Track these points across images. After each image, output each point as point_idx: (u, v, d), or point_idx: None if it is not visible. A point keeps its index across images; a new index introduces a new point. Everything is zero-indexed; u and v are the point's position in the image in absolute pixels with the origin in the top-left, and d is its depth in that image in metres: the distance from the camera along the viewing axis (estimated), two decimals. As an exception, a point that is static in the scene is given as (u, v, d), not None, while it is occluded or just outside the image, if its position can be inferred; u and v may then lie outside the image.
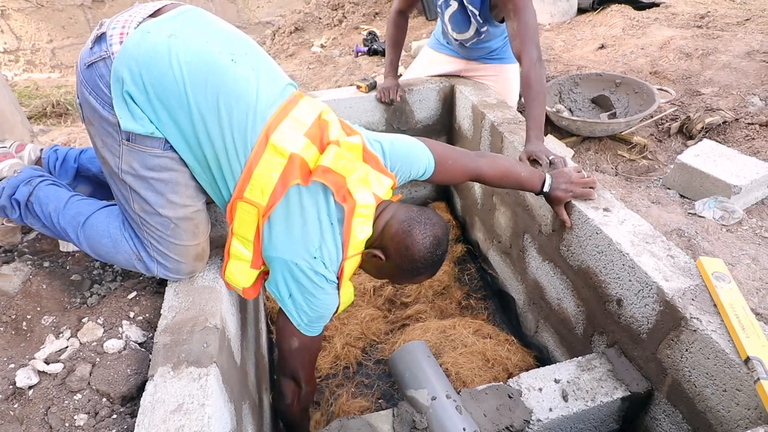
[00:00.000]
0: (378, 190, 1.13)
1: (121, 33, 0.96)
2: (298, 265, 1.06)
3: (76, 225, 1.15)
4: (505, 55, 2.11)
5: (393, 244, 1.10)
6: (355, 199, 1.07)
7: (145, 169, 1.02)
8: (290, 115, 1.05)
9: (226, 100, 0.99)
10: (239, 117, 1.00)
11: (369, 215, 1.10)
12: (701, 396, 1.06)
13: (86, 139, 2.72)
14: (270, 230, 1.07)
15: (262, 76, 1.05)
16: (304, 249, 1.06)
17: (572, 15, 4.07)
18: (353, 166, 1.09)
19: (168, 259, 1.12)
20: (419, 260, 1.10)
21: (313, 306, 1.10)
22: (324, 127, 1.10)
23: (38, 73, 4.21)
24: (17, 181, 1.19)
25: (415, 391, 1.12)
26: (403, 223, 1.10)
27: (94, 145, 1.04)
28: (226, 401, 1.00)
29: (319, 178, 1.04)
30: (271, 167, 1.02)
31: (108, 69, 0.95)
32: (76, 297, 1.24)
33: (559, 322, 1.57)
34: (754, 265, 1.57)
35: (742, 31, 3.19)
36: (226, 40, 1.04)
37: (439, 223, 1.13)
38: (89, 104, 0.99)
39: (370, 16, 4.83)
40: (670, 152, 2.36)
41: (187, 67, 0.96)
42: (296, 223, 1.06)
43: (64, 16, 4.08)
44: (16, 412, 0.95)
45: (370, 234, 1.12)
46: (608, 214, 1.32)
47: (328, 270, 1.08)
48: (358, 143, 1.11)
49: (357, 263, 1.16)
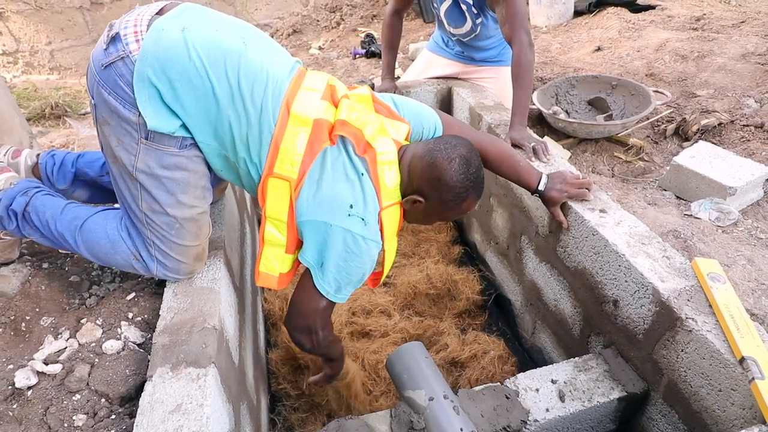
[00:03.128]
0: (396, 136, 1.15)
1: (135, 31, 0.99)
2: (332, 225, 1.03)
3: (73, 229, 1.15)
4: (502, 57, 2.12)
5: (424, 182, 1.10)
6: (374, 147, 1.09)
7: (161, 167, 1.04)
8: (303, 86, 1.10)
9: (245, 80, 1.02)
10: (259, 93, 1.04)
11: (392, 161, 1.11)
12: (697, 396, 1.07)
13: (84, 141, 2.71)
14: (302, 194, 1.06)
15: (273, 56, 1.10)
16: (337, 208, 1.04)
17: (568, 18, 4.09)
18: (367, 118, 1.11)
19: (169, 258, 1.13)
20: (456, 186, 1.09)
21: (345, 272, 1.06)
22: (333, 89, 1.15)
23: (37, 75, 4.20)
24: (14, 192, 1.19)
25: (413, 392, 1.12)
26: (424, 158, 1.10)
27: (108, 144, 1.05)
28: (225, 401, 1.01)
29: (340, 131, 1.07)
30: (296, 137, 1.04)
31: (128, 68, 0.97)
32: (75, 298, 1.25)
33: (556, 323, 1.58)
34: (749, 266, 1.58)
35: (737, 34, 3.21)
36: (233, 27, 1.08)
37: (460, 142, 1.12)
38: (107, 104, 1.00)
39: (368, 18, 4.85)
40: (666, 154, 2.38)
41: (205, 54, 1.00)
42: (325, 183, 1.05)
43: (62, 18, 4.08)
44: (15, 413, 0.96)
45: (398, 180, 1.12)
46: (604, 215, 1.33)
47: (367, 227, 1.05)
48: (367, 93, 1.16)
49: (398, 215, 1.14)
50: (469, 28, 1.94)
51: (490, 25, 1.93)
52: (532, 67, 1.62)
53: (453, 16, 1.94)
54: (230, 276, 1.33)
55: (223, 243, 1.32)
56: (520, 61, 1.61)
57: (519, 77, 1.62)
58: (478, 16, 1.87)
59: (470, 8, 1.85)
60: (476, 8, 1.84)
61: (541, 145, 1.58)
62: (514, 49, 1.63)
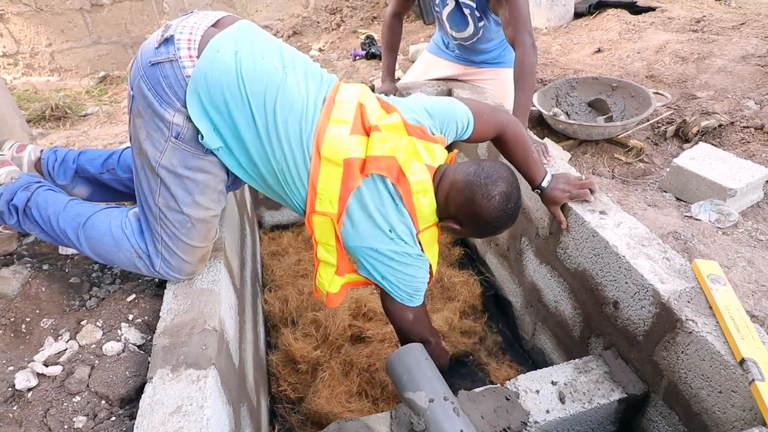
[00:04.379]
0: (429, 160, 1.15)
1: (189, 39, 1.01)
2: (378, 249, 1.11)
3: (76, 226, 1.16)
4: (503, 59, 2.13)
5: (462, 213, 1.12)
6: (408, 178, 1.10)
7: (184, 167, 1.07)
8: (332, 117, 1.09)
9: (281, 112, 1.05)
10: (294, 127, 1.06)
11: (427, 189, 1.13)
12: (697, 397, 1.07)
13: (85, 142, 2.72)
14: (346, 226, 1.12)
15: (310, 83, 1.11)
16: (379, 233, 1.10)
17: (569, 19, 4.10)
18: (399, 144, 1.11)
19: (174, 256, 1.14)
20: (493, 221, 1.11)
21: (407, 282, 1.15)
22: (363, 112, 1.12)
23: (37, 77, 4.21)
24: (15, 187, 1.19)
25: (413, 393, 1.12)
26: (464, 192, 1.10)
27: (137, 136, 1.07)
28: (225, 403, 1.01)
29: (372, 170, 1.08)
30: (331, 178, 1.08)
31: (173, 71, 1.00)
32: (75, 300, 1.25)
33: (557, 324, 1.58)
34: (749, 268, 1.58)
35: (737, 36, 3.22)
36: (277, 52, 1.10)
37: (501, 176, 1.11)
38: (145, 99, 1.02)
39: (368, 20, 4.86)
40: (666, 155, 2.38)
41: (249, 83, 1.03)
42: (365, 213, 1.10)
43: (63, 20, 4.09)
44: (15, 414, 0.96)
45: (434, 204, 1.15)
46: (604, 216, 1.33)
47: (408, 245, 1.12)
48: (398, 121, 1.12)
49: (436, 233, 1.19)
50: (472, 31, 1.94)
51: (492, 28, 1.93)
52: (535, 69, 1.63)
53: (455, 21, 1.94)
54: (230, 277, 1.33)
55: (224, 244, 1.32)
56: (523, 63, 1.62)
57: (521, 79, 1.63)
58: (481, 19, 1.87)
59: (473, 12, 1.85)
60: (479, 12, 1.84)
61: (540, 146, 1.58)
62: (518, 51, 1.64)
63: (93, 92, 3.90)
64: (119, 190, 1.40)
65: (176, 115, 1.02)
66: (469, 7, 1.84)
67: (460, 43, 2.06)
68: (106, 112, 3.38)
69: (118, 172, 1.36)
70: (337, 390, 1.55)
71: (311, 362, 1.65)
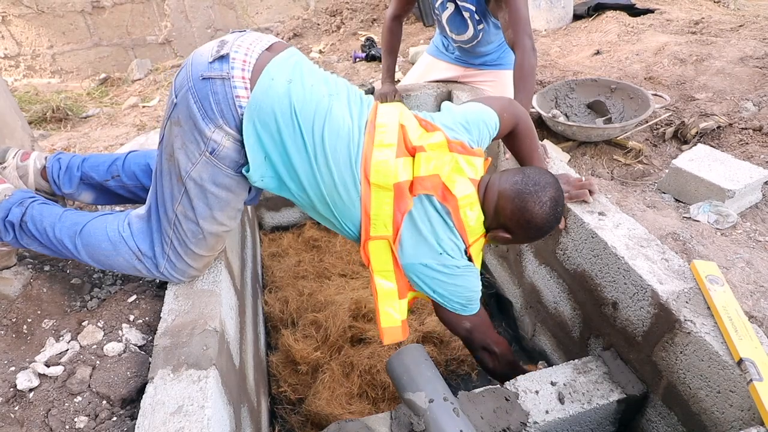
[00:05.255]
0: (472, 174, 1.16)
1: (244, 60, 1.03)
2: (428, 265, 1.12)
3: (73, 234, 1.16)
4: (502, 61, 2.13)
5: (513, 222, 1.13)
6: (454, 194, 1.11)
7: (212, 183, 1.08)
8: (376, 143, 1.10)
9: (329, 138, 1.07)
10: (342, 152, 1.08)
11: (473, 201, 1.14)
12: (696, 398, 1.08)
13: (85, 144, 2.73)
14: (401, 245, 1.13)
15: (353, 107, 1.13)
16: (428, 249, 1.12)
17: (568, 21, 4.11)
18: (442, 162, 1.12)
19: (180, 260, 1.15)
20: (545, 225, 1.13)
21: (458, 293, 1.16)
22: (405, 133, 1.14)
23: (38, 79, 4.22)
24: (9, 203, 1.20)
25: (413, 394, 1.13)
26: (515, 201, 1.12)
27: (171, 143, 1.07)
28: (226, 403, 1.01)
29: (420, 191, 1.10)
30: (383, 203, 1.10)
31: (223, 89, 1.01)
32: (77, 300, 1.25)
33: (556, 325, 1.59)
34: (748, 269, 1.58)
35: (736, 37, 3.23)
36: (323, 80, 1.12)
37: (548, 182, 1.13)
38: (189, 110, 1.03)
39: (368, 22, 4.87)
40: (665, 157, 2.38)
41: (300, 110, 1.04)
42: (416, 231, 1.12)
43: (64, 22, 4.10)
44: (17, 415, 0.96)
45: (481, 216, 1.16)
46: (603, 218, 1.33)
47: (456, 258, 1.13)
48: (442, 140, 1.14)
49: (483, 243, 1.21)
50: (471, 34, 1.95)
51: (491, 30, 1.94)
52: (534, 71, 1.64)
53: (455, 23, 1.95)
54: (231, 278, 1.33)
55: (224, 246, 1.32)
56: (523, 65, 1.62)
57: (521, 81, 1.63)
58: (480, 22, 1.88)
59: (472, 15, 1.86)
60: (478, 15, 1.85)
61: (540, 148, 1.59)
62: (518, 54, 1.64)
63: (94, 94, 3.91)
64: (124, 196, 1.41)
65: (216, 132, 1.03)
66: (469, 10, 1.85)
67: (460, 45, 2.07)
68: (107, 114, 3.38)
69: (123, 179, 1.36)
70: (337, 391, 1.55)
71: (311, 363, 1.66)
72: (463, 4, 1.84)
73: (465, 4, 1.83)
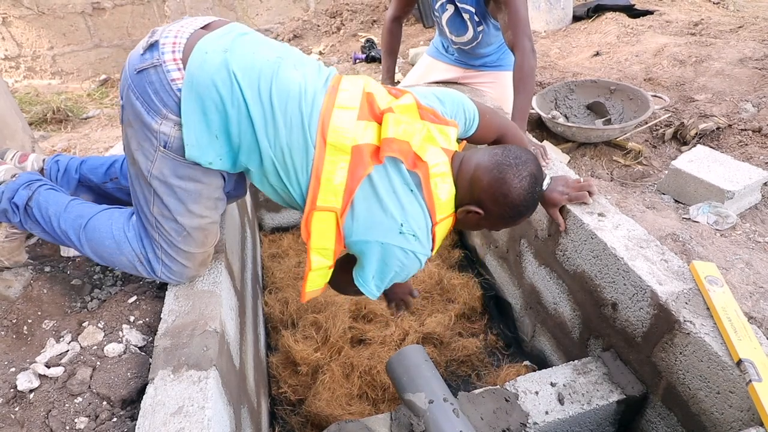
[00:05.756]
0: (445, 144, 1.09)
1: (173, 42, 0.99)
2: (384, 244, 1.02)
3: (77, 227, 1.16)
4: (502, 62, 2.14)
5: (488, 195, 1.06)
6: (425, 161, 1.04)
7: (175, 177, 1.05)
8: (336, 104, 1.03)
9: (278, 99, 1.00)
10: (293, 111, 1.01)
11: (446, 173, 1.07)
12: (695, 398, 1.08)
13: (86, 144, 2.73)
14: (350, 219, 1.04)
15: (306, 68, 1.07)
16: (388, 226, 1.02)
17: (567, 23, 4.12)
18: (413, 128, 1.04)
19: (174, 262, 1.14)
20: (521, 204, 1.06)
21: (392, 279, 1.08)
22: (372, 100, 1.07)
23: (39, 80, 4.22)
24: (16, 185, 1.20)
25: (413, 395, 1.13)
26: (493, 171, 1.05)
27: (129, 146, 1.06)
28: (226, 404, 1.01)
29: (388, 152, 1.01)
30: (337, 167, 1.01)
31: (158, 76, 0.98)
32: (77, 301, 1.25)
33: (556, 326, 1.59)
34: (747, 270, 1.59)
35: (735, 39, 3.23)
36: (269, 47, 1.07)
37: (529, 158, 1.08)
38: (134, 108, 1.01)
39: (368, 23, 4.87)
40: (665, 158, 2.39)
41: (241, 77, 0.98)
42: (375, 202, 1.03)
43: (65, 24, 4.10)
44: (17, 416, 0.96)
45: (453, 191, 1.08)
46: (603, 219, 1.33)
47: (419, 241, 1.04)
48: (411, 102, 1.07)
49: (450, 224, 1.12)
50: (471, 36, 1.96)
51: (491, 32, 1.94)
52: (534, 72, 1.65)
53: (455, 25, 1.96)
54: (231, 279, 1.34)
55: (224, 246, 1.33)
56: (522, 66, 1.63)
57: (521, 82, 1.64)
58: (480, 24, 1.89)
59: (472, 17, 1.86)
60: (478, 16, 1.86)
61: (539, 149, 1.59)
62: (517, 55, 1.65)
63: (94, 95, 3.91)
64: (122, 199, 1.41)
65: (163, 123, 0.99)
66: (469, 12, 1.85)
67: (460, 47, 2.08)
68: (108, 115, 3.39)
69: (122, 181, 1.36)
70: (337, 392, 1.55)
71: (311, 364, 1.66)
72: (463, 6, 1.84)
73: (464, 6, 1.84)
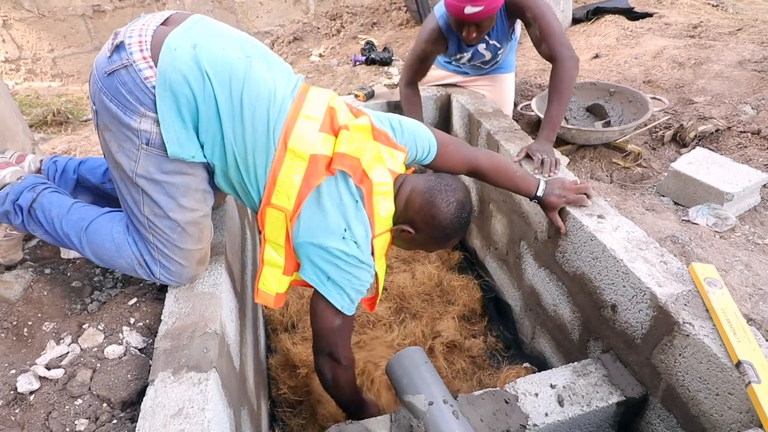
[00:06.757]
0: (392, 165, 1.18)
1: (140, 41, 1.00)
2: (328, 248, 1.09)
3: (79, 230, 1.16)
4: (501, 65, 2.14)
5: (419, 216, 1.15)
6: (371, 178, 1.12)
7: (160, 172, 1.06)
8: (302, 113, 1.10)
9: (248, 100, 1.04)
10: (261, 114, 1.06)
11: (388, 192, 1.15)
12: (695, 400, 1.08)
13: (86, 146, 2.73)
14: (298, 222, 1.10)
15: (276, 72, 1.11)
16: (332, 231, 1.09)
17: (567, 25, 4.13)
18: (365, 147, 1.12)
19: (172, 262, 1.14)
20: (447, 227, 1.15)
21: (351, 285, 1.12)
22: (333, 114, 1.14)
23: (39, 82, 4.23)
24: (21, 187, 1.21)
25: (413, 397, 1.13)
26: (425, 194, 1.15)
27: (109, 149, 1.07)
28: (226, 406, 1.01)
29: (338, 166, 1.08)
30: (293, 171, 1.07)
31: (130, 76, 0.99)
32: (77, 303, 1.25)
33: (555, 328, 1.59)
34: (746, 272, 1.59)
35: (734, 41, 3.24)
36: (239, 43, 1.09)
37: (459, 186, 1.18)
38: (109, 111, 1.01)
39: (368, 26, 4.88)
40: (664, 160, 2.39)
41: (213, 74, 1.01)
42: (320, 209, 1.09)
43: (65, 26, 4.11)
44: (17, 417, 0.96)
45: (392, 210, 1.16)
46: (602, 220, 1.34)
47: (361, 250, 1.10)
48: (366, 124, 1.15)
49: (388, 241, 1.20)
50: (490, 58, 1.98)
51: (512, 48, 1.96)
52: (573, 83, 1.61)
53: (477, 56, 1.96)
54: (231, 281, 1.34)
55: (225, 248, 1.33)
56: (562, 77, 1.60)
57: (557, 92, 1.61)
58: (499, 48, 1.89)
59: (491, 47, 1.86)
60: (498, 42, 1.84)
61: (551, 159, 1.56)
62: (557, 65, 1.62)
63: (94, 97, 3.91)
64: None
65: (142, 122, 1.01)
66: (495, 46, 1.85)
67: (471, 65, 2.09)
68: (108, 117, 3.39)
69: None
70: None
71: (310, 366, 1.65)
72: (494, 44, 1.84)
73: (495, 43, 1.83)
